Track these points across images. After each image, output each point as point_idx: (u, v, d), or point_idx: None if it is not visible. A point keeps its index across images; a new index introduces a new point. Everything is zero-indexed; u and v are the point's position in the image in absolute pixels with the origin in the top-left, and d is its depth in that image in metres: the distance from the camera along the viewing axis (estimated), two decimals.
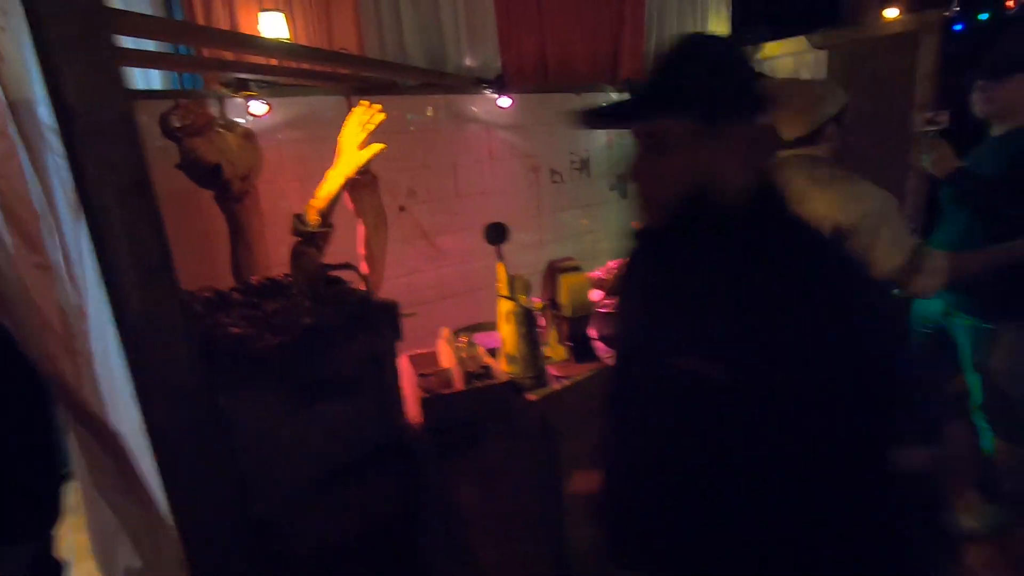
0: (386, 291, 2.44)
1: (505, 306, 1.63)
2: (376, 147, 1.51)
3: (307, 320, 1.22)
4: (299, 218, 1.43)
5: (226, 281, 1.67)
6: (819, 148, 1.75)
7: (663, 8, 3.44)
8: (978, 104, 1.86)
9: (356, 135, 1.46)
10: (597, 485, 1.08)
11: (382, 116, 1.56)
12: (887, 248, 1.58)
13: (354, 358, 1.29)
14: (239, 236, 1.77)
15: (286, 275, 1.52)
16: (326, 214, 1.44)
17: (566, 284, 1.77)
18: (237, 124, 1.43)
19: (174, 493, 1.00)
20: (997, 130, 1.87)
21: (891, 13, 3.52)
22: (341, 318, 1.27)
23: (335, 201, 1.45)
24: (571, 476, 1.24)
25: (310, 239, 1.43)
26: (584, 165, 3.11)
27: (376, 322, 1.33)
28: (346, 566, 1.32)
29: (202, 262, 1.88)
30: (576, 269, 1.82)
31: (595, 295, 2.25)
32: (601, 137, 3.15)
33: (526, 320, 1.61)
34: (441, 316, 2.61)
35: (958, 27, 5.84)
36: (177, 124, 1.24)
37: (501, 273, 1.68)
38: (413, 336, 2.41)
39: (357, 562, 1.35)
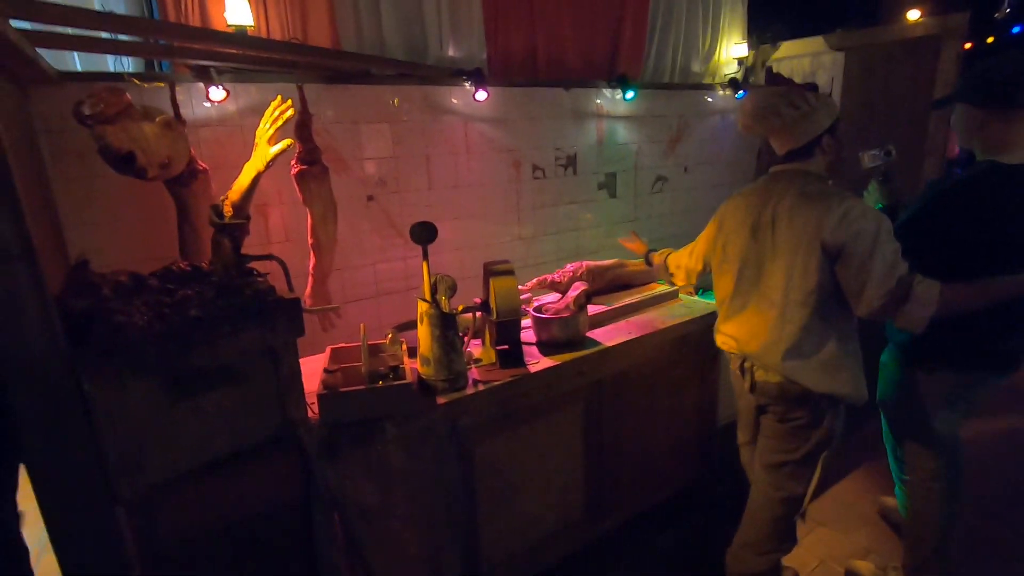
0: (351, 279, 2.49)
1: (422, 307, 1.63)
2: (285, 142, 1.51)
3: (194, 312, 1.25)
4: (215, 210, 1.46)
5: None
6: (812, 163, 1.72)
7: (670, 3, 3.31)
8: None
9: (266, 131, 1.47)
10: None
11: (291, 112, 1.56)
12: (879, 273, 1.51)
13: (243, 350, 1.31)
14: (185, 219, 1.83)
15: (210, 263, 1.55)
16: (240, 206, 1.46)
17: (495, 287, 1.75)
18: (158, 112, 1.45)
19: (34, 476, 1.05)
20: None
21: (913, 15, 3.29)
22: (232, 310, 1.29)
23: (249, 193, 1.47)
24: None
25: (225, 230, 1.46)
26: (570, 162, 3.05)
27: (272, 316, 1.34)
28: (226, 553, 1.36)
29: (161, 243, 1.95)
30: (508, 272, 1.79)
31: (549, 298, 2.22)
32: (591, 134, 3.08)
33: (441, 322, 1.61)
34: (406, 307, 2.63)
35: (1017, 29, 5.42)
36: (87, 112, 1.28)
37: (424, 274, 1.67)
38: (371, 324, 2.45)
39: (239, 550, 1.39)
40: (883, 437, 2.15)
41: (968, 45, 5.38)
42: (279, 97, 1.69)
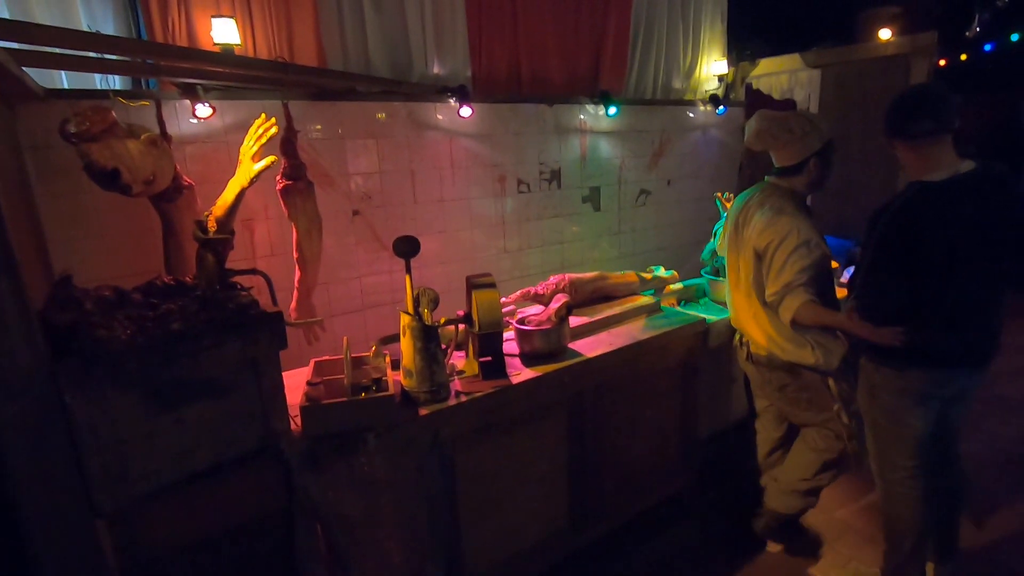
0: (336, 293, 2.51)
1: (404, 319, 1.65)
2: (269, 159, 1.55)
3: (176, 326, 1.27)
4: (200, 225, 1.49)
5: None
6: (798, 180, 2.06)
7: (652, 21, 3.39)
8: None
9: (250, 148, 1.50)
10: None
11: (274, 130, 1.60)
12: (772, 276, 1.96)
13: (225, 363, 1.33)
14: (171, 234, 1.85)
15: (194, 277, 1.57)
16: (224, 221, 1.49)
17: (477, 300, 1.78)
18: (143, 130, 1.48)
19: (15, 488, 1.06)
20: None
21: (885, 34, 3.39)
22: (213, 324, 1.31)
23: (233, 209, 1.49)
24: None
25: (209, 245, 1.48)
26: (554, 176, 3.10)
27: (254, 329, 1.37)
28: (208, 566, 1.37)
29: (147, 258, 1.97)
30: (490, 286, 1.83)
31: (532, 310, 2.26)
32: (574, 149, 3.14)
33: (423, 335, 1.63)
34: (391, 320, 2.65)
35: (989, 47, 5.59)
36: (73, 130, 1.30)
37: (407, 287, 1.70)
38: (356, 337, 2.47)
39: (222, 560, 1.40)
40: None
41: (942, 62, 5.56)
42: (263, 115, 1.73)
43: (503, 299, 2.34)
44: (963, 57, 5.28)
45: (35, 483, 1.09)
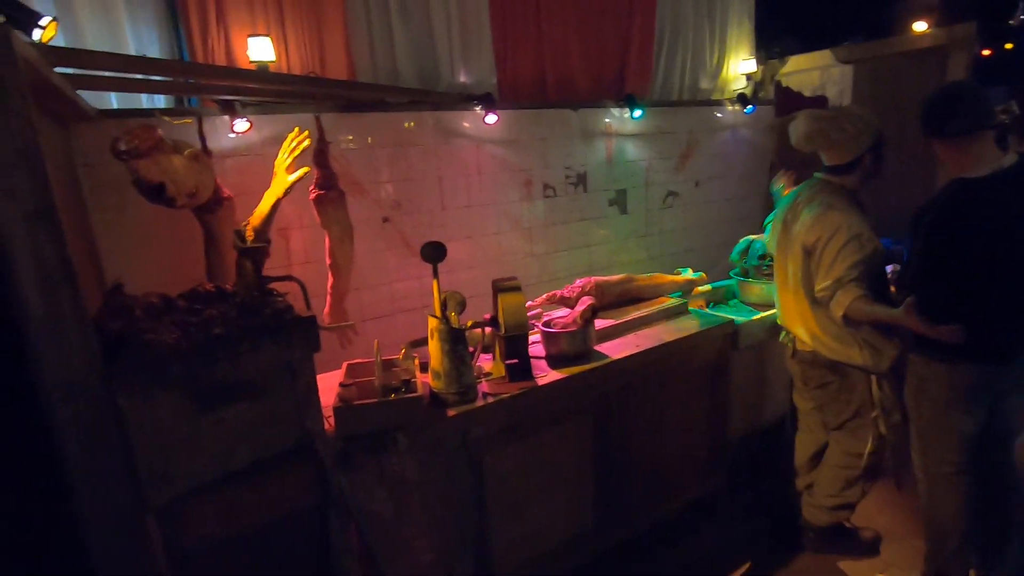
0: (367, 298, 2.58)
1: (432, 323, 1.70)
2: (302, 171, 1.62)
3: (217, 330, 1.34)
4: (238, 234, 1.56)
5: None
6: (850, 178, 2.03)
7: (677, 22, 3.39)
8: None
9: (284, 160, 1.57)
10: None
11: (307, 143, 1.67)
12: (823, 272, 1.93)
13: (262, 366, 1.40)
14: (212, 243, 1.94)
15: (234, 284, 1.65)
16: (261, 231, 1.56)
17: (503, 303, 1.82)
18: (185, 146, 1.57)
19: (72, 485, 1.15)
20: None
21: (920, 26, 3.29)
22: (251, 328, 1.38)
23: (269, 219, 1.57)
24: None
25: (247, 253, 1.56)
26: (581, 180, 3.12)
27: (289, 333, 1.43)
28: (246, 560, 1.44)
29: (191, 266, 2.07)
30: (515, 289, 1.86)
31: (559, 313, 2.28)
32: (600, 152, 3.15)
33: (450, 337, 1.68)
34: (421, 324, 2.71)
35: None
36: (123, 147, 1.39)
37: (435, 291, 1.75)
38: (387, 341, 2.54)
39: (260, 554, 1.46)
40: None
41: (987, 52, 5.34)
42: (296, 129, 1.80)
43: (530, 303, 2.38)
44: (1009, 46, 5.07)
45: (90, 479, 1.17)
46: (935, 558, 1.98)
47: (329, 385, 1.74)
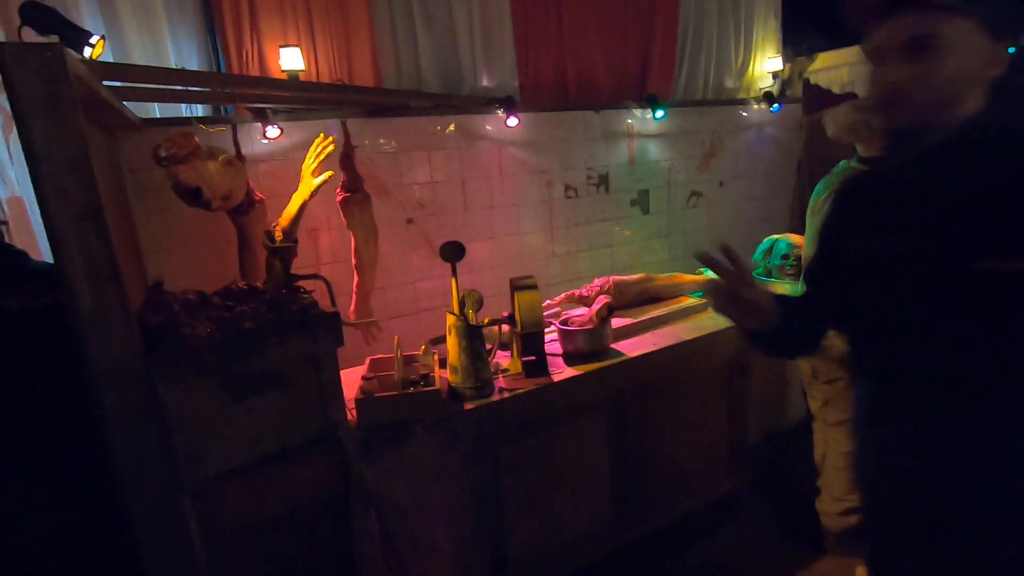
0: (392, 297, 2.67)
1: (450, 319, 1.77)
2: (327, 174, 1.70)
3: (247, 324, 1.43)
4: (268, 235, 1.66)
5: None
6: None
7: (701, 21, 3.38)
8: None
9: (310, 164, 1.66)
10: None
11: (331, 148, 1.75)
12: None
13: (289, 358, 1.49)
14: (245, 244, 2.06)
15: (264, 283, 1.75)
16: (289, 231, 1.65)
17: (519, 301, 1.87)
18: (221, 152, 1.68)
19: (116, 467, 1.25)
20: None
21: None
22: (279, 323, 1.47)
23: (296, 220, 1.66)
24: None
25: (276, 253, 1.65)
26: (602, 181, 3.15)
27: (314, 328, 1.52)
28: (273, 541, 1.53)
29: (226, 265, 2.19)
30: (532, 287, 1.91)
31: (577, 312, 2.32)
32: (622, 153, 3.17)
33: (467, 333, 1.74)
34: (442, 323, 2.79)
35: None
36: (163, 154, 1.50)
37: (453, 289, 1.81)
38: (410, 338, 2.62)
39: (286, 537, 1.55)
40: None
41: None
42: (321, 134, 1.89)
43: (548, 301, 2.43)
44: None
45: (134, 461, 1.28)
46: None
47: (353, 379, 1.83)
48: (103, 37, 1.49)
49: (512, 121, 2.70)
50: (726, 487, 2.49)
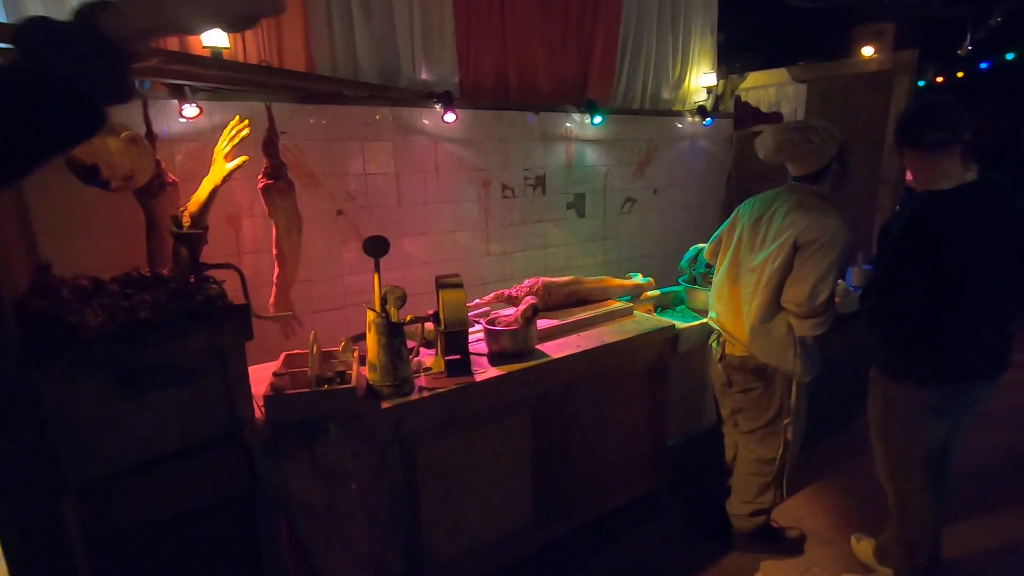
0: (320, 290, 2.58)
1: (370, 316, 1.72)
2: (241, 159, 1.63)
3: (144, 314, 1.34)
4: (175, 220, 1.56)
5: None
6: (821, 186, 2.10)
7: (641, 32, 3.46)
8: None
9: (223, 148, 1.58)
10: None
11: (247, 132, 1.68)
12: (806, 274, 1.96)
13: (192, 352, 1.41)
14: (154, 229, 1.92)
15: (171, 270, 1.65)
16: (198, 217, 1.56)
17: (443, 299, 1.85)
18: (124, 128, 1.56)
19: None
20: None
21: (868, 51, 3.44)
22: (182, 314, 1.39)
23: (206, 206, 1.57)
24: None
25: (183, 239, 1.56)
26: (539, 182, 3.17)
27: (220, 320, 1.44)
28: (173, 545, 1.44)
29: (134, 251, 2.05)
30: (457, 286, 1.89)
31: (505, 312, 2.32)
32: (560, 156, 3.21)
33: (388, 330, 1.70)
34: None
35: (985, 64, 5.61)
36: None
37: (375, 285, 1.77)
38: (336, 333, 2.54)
39: (185, 540, 1.47)
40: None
41: (940, 79, 5.59)
42: (237, 117, 1.80)
43: (478, 300, 2.42)
44: (960, 75, 5.31)
45: (4, 460, 1.17)
46: (908, 564, 2.07)
47: (267, 375, 1.75)
48: None
49: (450, 117, 2.68)
50: (646, 486, 2.56)
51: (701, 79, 3.74)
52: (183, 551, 1.48)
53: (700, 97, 3.79)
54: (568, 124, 3.20)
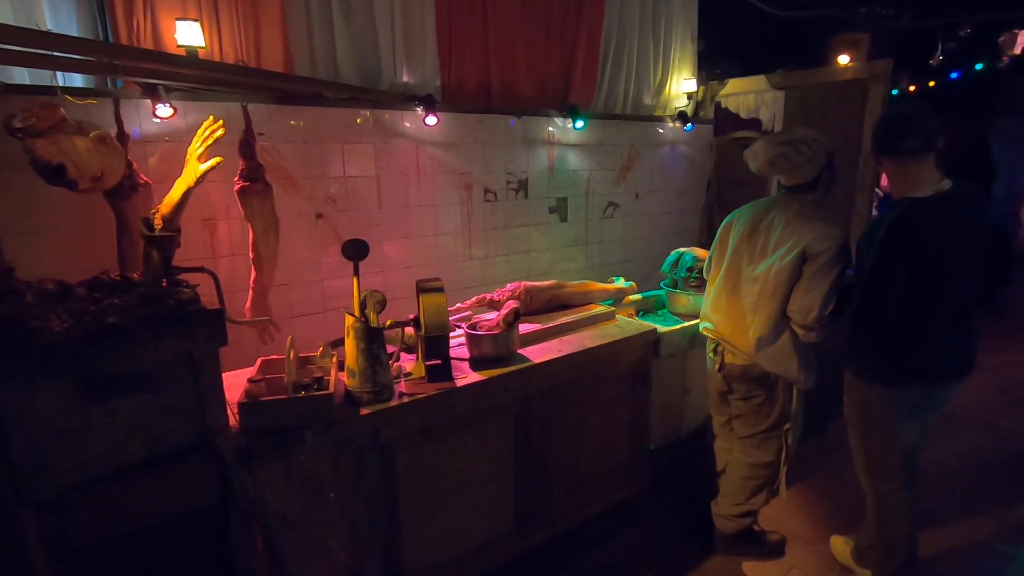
0: (299, 295, 2.54)
1: (349, 320, 1.69)
2: (214, 160, 1.59)
3: (111, 319, 1.30)
4: (145, 222, 1.52)
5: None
6: (814, 195, 2.11)
7: (623, 38, 3.48)
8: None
9: (196, 149, 1.54)
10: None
11: (221, 132, 1.64)
12: (817, 285, 1.95)
13: (161, 358, 1.36)
14: (124, 231, 1.87)
15: (142, 273, 1.60)
16: (170, 219, 1.52)
17: (424, 303, 1.83)
18: (93, 127, 1.51)
19: None
20: None
21: (844, 59, 3.51)
22: (151, 319, 1.34)
23: (179, 208, 1.53)
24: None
25: (154, 242, 1.51)
26: (522, 186, 3.16)
27: (192, 325, 1.40)
28: (141, 558, 1.39)
29: (104, 254, 1.99)
30: (438, 290, 1.87)
31: (487, 316, 2.30)
32: (542, 160, 3.20)
33: (367, 335, 1.67)
34: None
35: (955, 75, 5.76)
36: (19, 125, 1.33)
37: (354, 289, 1.74)
38: (315, 338, 2.49)
39: (154, 552, 1.42)
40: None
41: (912, 88, 5.72)
42: (211, 117, 1.76)
43: (460, 304, 2.40)
44: (931, 84, 5.44)
45: None
46: (887, 566, 2.09)
47: (243, 381, 1.71)
48: None
49: (431, 120, 2.65)
50: (627, 491, 2.55)
51: (682, 85, 3.78)
52: (152, 565, 1.43)
53: (681, 103, 3.82)
54: (550, 128, 3.20)
